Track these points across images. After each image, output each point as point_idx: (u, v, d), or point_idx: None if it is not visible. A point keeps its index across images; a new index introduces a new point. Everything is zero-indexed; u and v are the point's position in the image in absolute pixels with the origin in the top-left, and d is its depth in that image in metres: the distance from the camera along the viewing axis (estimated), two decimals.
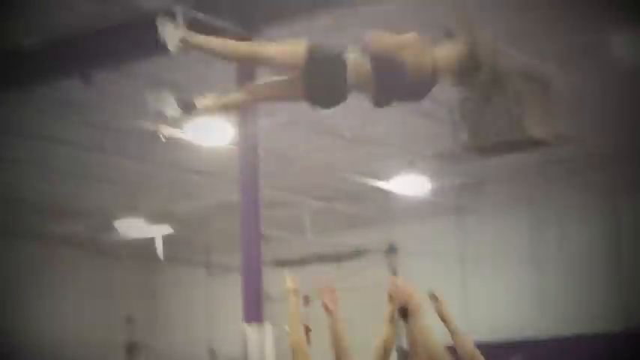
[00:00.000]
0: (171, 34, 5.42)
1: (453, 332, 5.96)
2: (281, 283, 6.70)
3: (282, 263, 21.11)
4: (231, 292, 18.76)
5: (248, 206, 12.36)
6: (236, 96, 5.74)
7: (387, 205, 19.38)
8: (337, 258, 20.80)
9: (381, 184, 17.32)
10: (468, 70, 5.45)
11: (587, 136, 15.30)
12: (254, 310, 12.20)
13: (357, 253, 20.63)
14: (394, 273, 20.39)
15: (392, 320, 6.28)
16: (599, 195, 18.44)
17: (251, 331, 11.89)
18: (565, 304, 18.68)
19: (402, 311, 6.18)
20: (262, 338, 11.78)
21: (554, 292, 18.76)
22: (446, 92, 6.83)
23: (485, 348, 6.30)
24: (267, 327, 12.01)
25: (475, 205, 19.34)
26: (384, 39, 5.41)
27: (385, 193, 17.93)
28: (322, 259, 20.84)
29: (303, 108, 5.62)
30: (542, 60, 12.00)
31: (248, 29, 11.09)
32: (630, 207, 18.28)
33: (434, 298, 6.19)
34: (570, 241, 18.72)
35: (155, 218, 18.68)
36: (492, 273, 19.22)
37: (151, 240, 18.74)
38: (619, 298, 18.18)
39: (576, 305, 18.57)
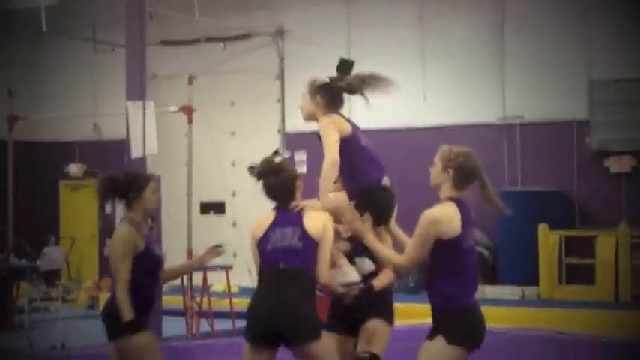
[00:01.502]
0: None
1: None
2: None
3: (169, 43, 20.97)
4: (117, 70, 18.67)
5: None
6: None
7: None
8: (225, 40, 20.69)
9: None
10: None
11: None
12: (137, 87, 12.18)
13: (245, 36, 20.54)
14: (282, 57, 20.45)
15: None
16: None
17: (133, 107, 11.91)
18: (447, 95, 19.05)
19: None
20: (144, 115, 11.82)
21: (438, 82, 19.08)
22: None
23: (368, 134, 6.57)
24: (150, 104, 12.03)
25: None
26: None
27: None
28: (210, 40, 20.72)
29: None
30: None
31: None
32: None
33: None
34: (455, 32, 18.91)
35: None
36: (378, 62, 19.25)
37: (36, 11, 18.27)
38: (499, 91, 18.60)
39: (458, 96, 18.95)
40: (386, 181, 6.40)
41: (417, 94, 19.18)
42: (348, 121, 6.56)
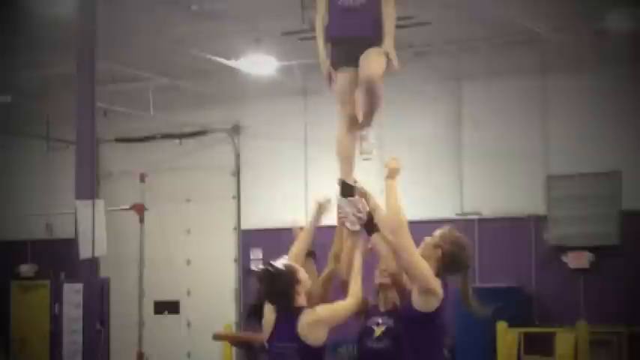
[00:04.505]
0: None
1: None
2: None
3: (123, 140, 20.77)
4: (70, 167, 18.39)
5: (83, 78, 12.00)
6: None
7: (232, 84, 19.15)
8: (180, 136, 20.54)
9: (228, 62, 17.08)
10: None
11: (436, 20, 15.36)
12: (86, 186, 11.94)
13: (200, 132, 20.40)
14: (238, 153, 20.30)
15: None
16: (443, 79, 18.58)
17: (82, 206, 11.65)
18: (405, 190, 18.87)
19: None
20: (93, 214, 11.55)
21: None
22: None
23: (327, 230, 6.48)
24: (99, 203, 11.78)
25: (320, 87, 19.24)
26: None
27: (231, 72, 17.71)
28: (165, 136, 20.55)
29: None
30: None
31: None
32: (472, 94, 18.50)
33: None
34: (413, 125, 18.86)
35: None
36: (336, 157, 19.23)
37: None
38: (457, 186, 18.54)
39: (416, 191, 18.84)
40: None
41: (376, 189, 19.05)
42: None
